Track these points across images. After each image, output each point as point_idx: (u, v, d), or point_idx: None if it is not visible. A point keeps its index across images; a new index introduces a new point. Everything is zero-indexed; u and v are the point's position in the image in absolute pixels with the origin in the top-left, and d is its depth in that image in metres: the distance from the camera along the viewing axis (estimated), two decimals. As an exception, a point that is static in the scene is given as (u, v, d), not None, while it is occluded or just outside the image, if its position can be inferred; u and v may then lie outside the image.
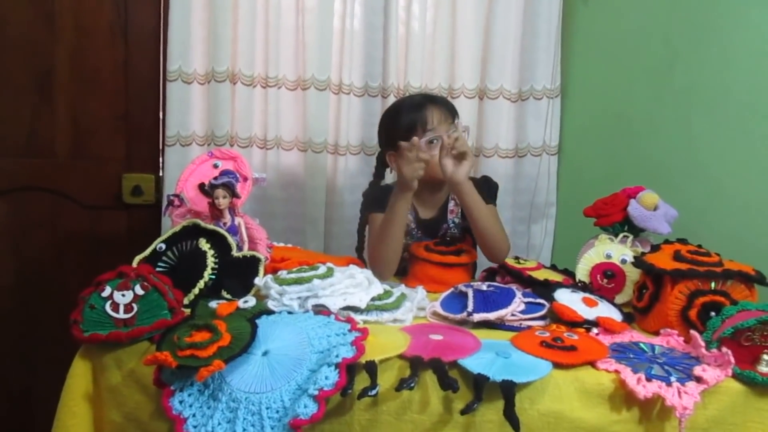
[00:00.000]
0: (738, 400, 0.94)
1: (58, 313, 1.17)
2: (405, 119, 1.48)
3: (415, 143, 1.33)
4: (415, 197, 1.50)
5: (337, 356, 0.90)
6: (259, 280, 1.13)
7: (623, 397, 0.92)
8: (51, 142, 1.81)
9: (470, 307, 1.11)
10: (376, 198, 1.55)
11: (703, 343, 1.00)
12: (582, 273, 1.33)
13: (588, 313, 1.12)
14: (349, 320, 1.02)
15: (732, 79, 1.50)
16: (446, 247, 1.43)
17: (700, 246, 1.18)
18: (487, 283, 1.24)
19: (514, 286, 1.23)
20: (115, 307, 0.99)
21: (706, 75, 1.57)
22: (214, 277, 1.12)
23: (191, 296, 1.09)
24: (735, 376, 0.95)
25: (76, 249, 1.85)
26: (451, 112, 1.52)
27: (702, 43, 1.59)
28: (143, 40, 1.83)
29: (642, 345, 1.04)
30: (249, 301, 1.05)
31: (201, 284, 1.10)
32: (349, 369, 0.89)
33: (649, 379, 0.92)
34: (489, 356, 0.94)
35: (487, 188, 1.54)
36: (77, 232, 1.85)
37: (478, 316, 1.09)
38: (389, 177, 1.67)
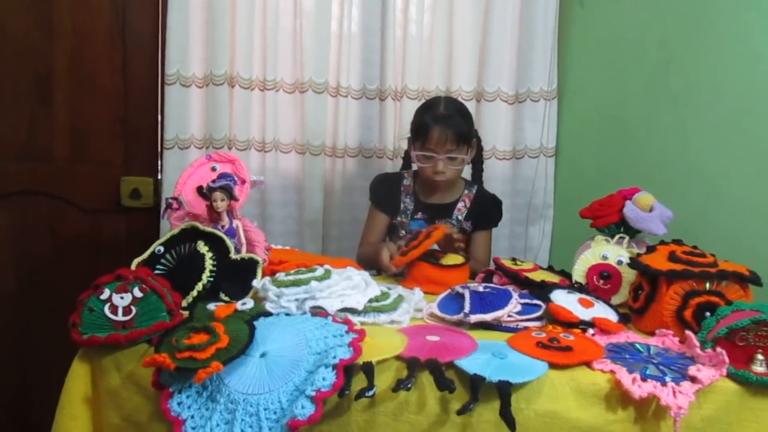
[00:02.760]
0: (733, 400, 0.95)
1: (57, 316, 1.18)
2: (416, 121, 1.63)
3: (385, 267, 1.42)
4: (422, 182, 1.67)
5: (334, 357, 0.91)
6: (257, 283, 1.13)
7: (619, 397, 0.93)
8: (50, 145, 1.82)
9: (467, 308, 1.12)
10: (378, 191, 1.70)
11: (698, 343, 1.00)
12: (578, 274, 1.33)
13: (584, 313, 1.13)
14: (347, 322, 1.03)
15: (726, 81, 1.51)
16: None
17: (695, 247, 1.19)
18: (483, 284, 1.25)
19: (510, 288, 1.24)
20: (114, 309, 0.99)
21: (701, 77, 1.58)
22: (212, 279, 1.13)
23: (189, 298, 1.10)
24: (730, 375, 0.96)
25: (75, 252, 1.85)
26: (459, 137, 1.56)
27: (697, 45, 1.60)
28: (141, 44, 1.84)
29: (638, 345, 1.05)
30: (247, 303, 1.06)
31: (199, 287, 1.11)
32: (347, 370, 0.89)
33: (644, 379, 0.93)
34: (485, 357, 0.95)
35: (496, 212, 1.71)
36: (76, 236, 1.86)
37: (474, 318, 1.10)
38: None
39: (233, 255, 1.17)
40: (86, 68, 1.81)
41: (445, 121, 1.57)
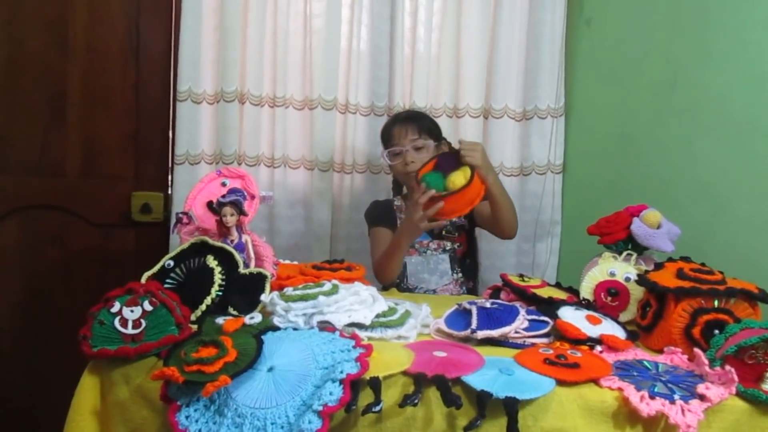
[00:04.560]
0: (742, 419, 0.94)
1: (67, 330, 1.18)
2: (382, 136, 1.73)
3: (423, 191, 1.42)
4: (409, 198, 1.70)
5: (341, 372, 0.91)
6: (265, 297, 1.14)
7: (626, 414, 0.92)
8: (62, 161, 1.85)
9: (474, 324, 1.12)
10: (375, 216, 1.75)
11: (706, 361, 1.00)
12: (586, 291, 1.33)
13: (592, 330, 1.13)
14: (354, 337, 1.03)
15: (733, 98, 1.51)
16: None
17: (703, 264, 1.19)
18: (491, 300, 1.25)
19: (518, 304, 1.24)
20: (124, 322, 1.00)
21: (707, 94, 1.59)
22: (221, 293, 1.13)
23: (198, 312, 1.11)
24: (739, 394, 0.95)
25: (85, 266, 1.87)
26: (420, 128, 1.65)
27: (703, 62, 1.60)
28: (154, 62, 1.87)
29: (646, 363, 1.04)
30: (255, 318, 1.07)
31: (208, 300, 1.12)
32: (353, 385, 0.90)
33: (652, 397, 0.92)
34: (492, 373, 0.95)
35: None
36: (87, 250, 1.88)
37: (481, 333, 1.10)
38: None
39: (242, 269, 1.18)
40: (99, 85, 1.85)
41: (404, 119, 1.70)
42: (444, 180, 1.42)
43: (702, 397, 0.93)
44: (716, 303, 1.09)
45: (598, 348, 1.09)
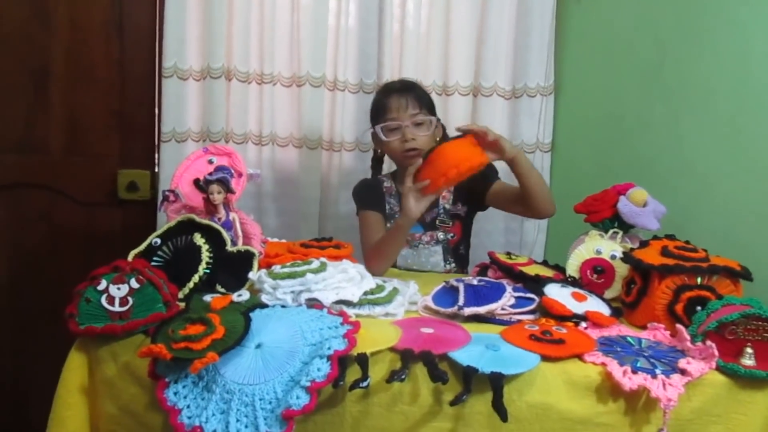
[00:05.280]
0: (722, 392, 0.96)
1: (54, 309, 1.18)
2: (373, 105, 1.61)
3: (415, 177, 1.33)
4: (400, 178, 1.56)
5: (329, 348, 0.92)
6: (252, 275, 1.14)
7: (609, 389, 0.94)
8: (46, 138, 1.82)
9: (461, 301, 1.13)
10: (363, 197, 1.64)
11: (688, 337, 1.02)
12: (572, 268, 1.35)
13: (577, 307, 1.14)
14: (342, 314, 1.04)
15: (720, 78, 1.52)
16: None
17: (687, 242, 1.20)
18: (478, 278, 1.26)
19: (504, 281, 1.25)
20: (111, 300, 1.00)
21: (695, 74, 1.59)
22: (208, 271, 1.13)
23: (186, 290, 1.11)
24: (719, 368, 0.97)
25: (71, 245, 1.86)
26: (420, 102, 1.54)
27: (691, 42, 1.60)
28: (139, 37, 1.84)
29: (629, 339, 1.06)
30: (243, 295, 1.07)
31: (196, 278, 1.12)
32: (341, 361, 0.90)
33: (635, 372, 0.94)
34: (478, 349, 0.96)
35: (489, 168, 1.55)
36: (72, 228, 1.86)
37: (468, 310, 1.11)
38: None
39: (229, 247, 1.18)
40: (83, 61, 1.81)
41: (400, 89, 1.55)
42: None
43: (683, 372, 0.95)
44: (699, 280, 1.11)
45: (583, 324, 1.11)
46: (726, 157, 1.49)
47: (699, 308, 1.08)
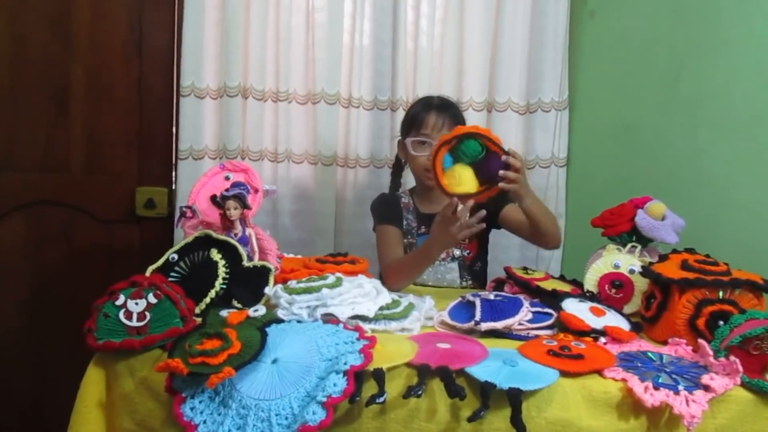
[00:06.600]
0: (747, 409, 0.94)
1: (73, 324, 1.19)
2: (408, 115, 1.63)
3: (454, 204, 1.27)
4: (418, 194, 1.64)
5: (345, 364, 0.91)
6: (269, 290, 1.14)
7: (631, 405, 0.92)
8: (66, 157, 1.85)
9: (478, 316, 1.12)
10: (382, 212, 1.65)
11: (711, 352, 1.00)
12: (590, 283, 1.33)
13: (595, 322, 1.12)
14: (358, 329, 1.03)
15: (737, 89, 1.50)
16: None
17: (707, 255, 1.19)
18: (494, 292, 1.25)
19: (521, 296, 1.24)
20: (129, 315, 1.01)
21: (711, 85, 1.58)
22: (225, 286, 1.14)
23: (203, 305, 1.11)
24: (744, 384, 0.95)
25: (90, 261, 1.88)
26: (457, 122, 1.55)
27: (707, 53, 1.60)
28: (157, 57, 1.87)
29: (650, 354, 1.04)
30: (259, 310, 1.07)
31: (212, 293, 1.12)
32: (357, 376, 0.90)
33: (656, 388, 0.92)
34: (496, 364, 0.95)
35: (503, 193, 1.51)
36: (91, 245, 1.89)
37: (485, 325, 1.10)
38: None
39: (246, 263, 1.19)
40: (103, 81, 1.85)
41: (441, 108, 1.57)
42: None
43: (706, 388, 0.92)
44: (721, 294, 1.09)
45: (602, 340, 1.09)
46: (745, 169, 1.48)
47: (721, 323, 1.06)
